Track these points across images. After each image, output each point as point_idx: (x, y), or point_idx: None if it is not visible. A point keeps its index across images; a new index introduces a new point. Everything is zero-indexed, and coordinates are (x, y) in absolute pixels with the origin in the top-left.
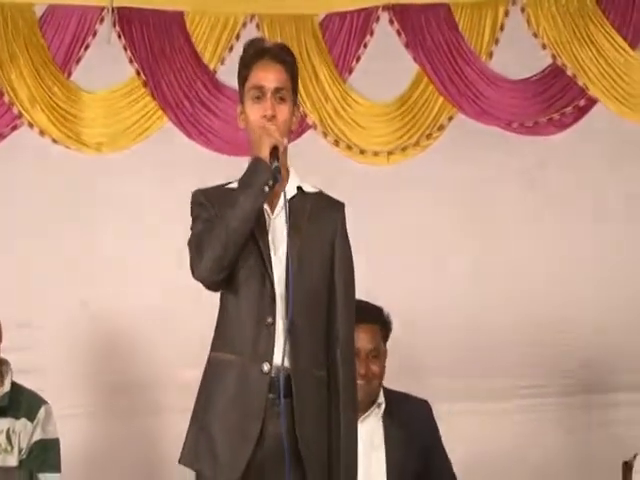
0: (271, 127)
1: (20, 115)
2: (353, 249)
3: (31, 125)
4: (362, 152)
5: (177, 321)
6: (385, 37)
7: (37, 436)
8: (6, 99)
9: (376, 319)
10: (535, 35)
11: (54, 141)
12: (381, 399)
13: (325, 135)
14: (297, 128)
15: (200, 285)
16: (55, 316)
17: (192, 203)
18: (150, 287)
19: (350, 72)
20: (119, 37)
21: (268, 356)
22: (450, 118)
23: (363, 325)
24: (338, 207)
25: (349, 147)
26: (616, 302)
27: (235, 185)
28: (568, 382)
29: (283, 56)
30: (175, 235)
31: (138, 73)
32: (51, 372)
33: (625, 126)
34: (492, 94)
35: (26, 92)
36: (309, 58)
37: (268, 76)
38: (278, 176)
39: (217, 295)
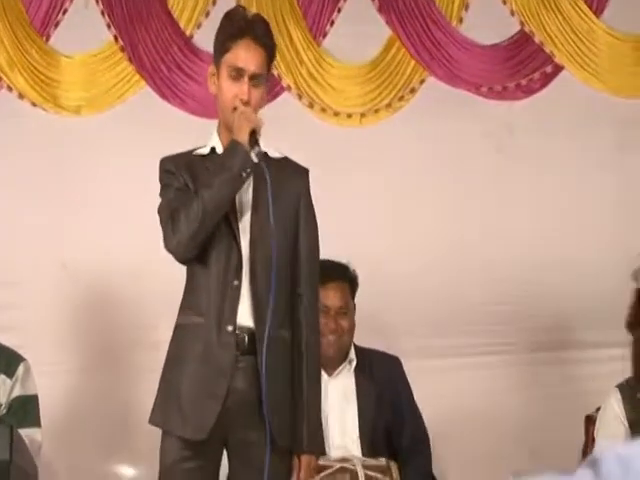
0: (248, 110)
1: None
2: (326, 210)
3: (10, 88)
4: (336, 114)
5: (157, 282)
6: (358, 2)
7: (16, 392)
8: None
9: (343, 276)
10: (504, 2)
11: (33, 104)
12: (352, 355)
13: (300, 97)
14: (272, 90)
15: None
16: (36, 276)
17: (161, 170)
18: (129, 249)
19: (324, 36)
20: (96, 2)
21: (233, 317)
22: (422, 81)
23: (331, 283)
24: (302, 173)
25: (323, 109)
26: (582, 262)
27: (204, 151)
28: (535, 339)
29: (266, 40)
30: (155, 197)
31: (116, 38)
32: (32, 330)
33: (589, 93)
34: (462, 58)
35: (5, 56)
36: (284, 22)
37: (249, 60)
38: (261, 161)
39: None
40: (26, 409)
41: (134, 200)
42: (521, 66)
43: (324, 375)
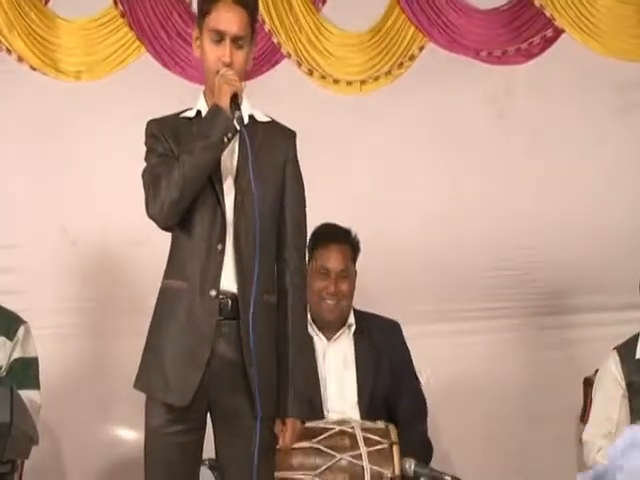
0: (229, 74)
1: None
2: (325, 176)
3: (9, 51)
4: (336, 81)
5: (156, 248)
6: None
7: (16, 354)
8: None
9: (345, 240)
10: None
11: (32, 68)
12: (351, 320)
13: (299, 65)
14: (271, 58)
15: None
16: (37, 241)
17: (146, 134)
18: (129, 215)
19: (324, 2)
20: None
21: (216, 281)
22: (421, 48)
23: (333, 245)
24: (289, 136)
25: (323, 77)
26: (578, 229)
27: (190, 114)
28: (533, 304)
29: (247, 1)
30: None
31: (115, 3)
32: (32, 294)
33: (590, 56)
34: (462, 23)
35: (3, 17)
36: None
37: (229, 21)
38: (241, 126)
39: None
40: (26, 371)
41: (133, 166)
42: (521, 30)
43: (323, 339)
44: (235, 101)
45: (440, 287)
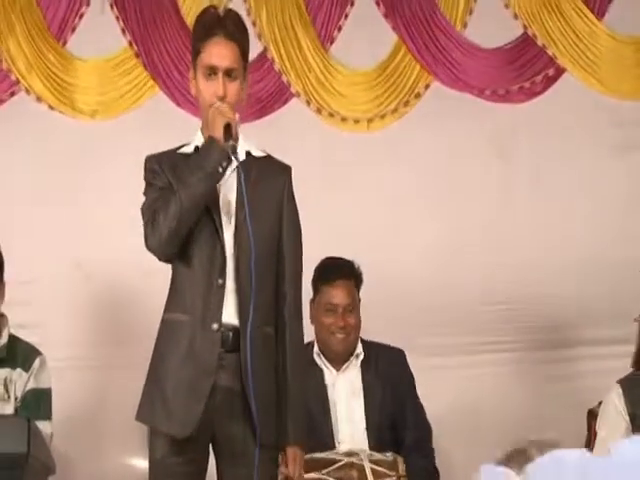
0: (222, 106)
1: (18, 82)
2: (332, 212)
3: (28, 91)
4: (343, 119)
5: (167, 281)
6: (365, 7)
7: (30, 385)
8: (4, 66)
9: (350, 273)
10: (507, 6)
11: (50, 107)
12: (359, 350)
13: (308, 103)
14: (281, 97)
15: None
16: (52, 275)
17: (145, 169)
18: (141, 249)
19: (332, 42)
20: (112, 8)
21: (218, 315)
22: (427, 86)
23: (338, 281)
24: (284, 170)
25: (331, 115)
26: (578, 263)
27: (188, 150)
28: (538, 337)
29: (236, 34)
30: None
31: (130, 43)
32: (47, 327)
33: (590, 95)
34: (466, 62)
35: (23, 59)
36: (293, 28)
37: (221, 55)
38: (235, 155)
39: None
40: (38, 402)
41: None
42: (524, 69)
43: (333, 371)
44: (229, 131)
45: (444, 321)
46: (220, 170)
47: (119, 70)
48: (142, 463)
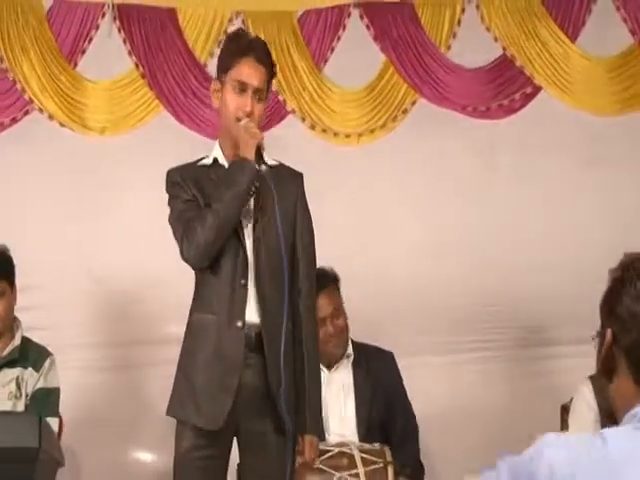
0: (251, 126)
1: (31, 101)
2: (323, 220)
3: (41, 110)
4: (335, 134)
5: (170, 287)
6: (356, 31)
7: (40, 384)
8: (19, 86)
9: (329, 281)
10: (488, 29)
11: (61, 125)
12: (350, 350)
13: (303, 120)
14: (278, 114)
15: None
16: (63, 281)
17: (168, 182)
18: (146, 258)
19: (325, 62)
20: (119, 31)
21: (242, 314)
22: (413, 103)
23: (320, 292)
24: (297, 177)
25: (324, 130)
26: (557, 267)
27: (207, 162)
28: (516, 337)
29: (267, 60)
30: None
31: (136, 65)
32: (58, 330)
33: (565, 111)
34: (450, 81)
35: (36, 80)
36: (288, 51)
37: (253, 75)
38: (268, 177)
39: None
40: (46, 400)
41: (151, 214)
42: (503, 87)
43: (325, 370)
44: (259, 152)
45: (429, 322)
46: (253, 189)
47: (126, 90)
48: (145, 456)
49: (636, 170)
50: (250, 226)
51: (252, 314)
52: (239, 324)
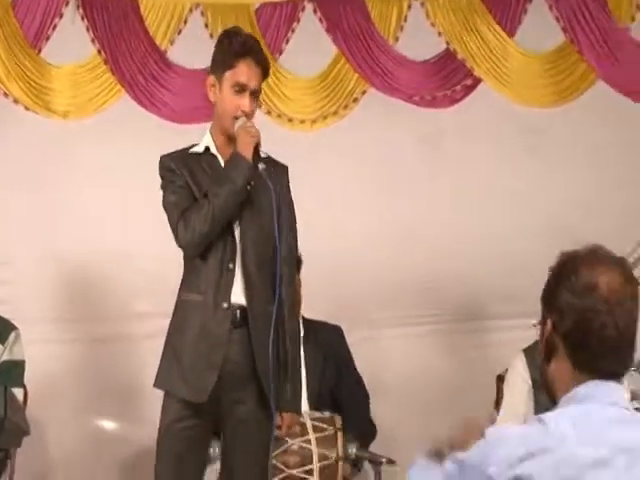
0: (249, 126)
1: None
2: None
3: (6, 95)
4: (290, 120)
5: (131, 264)
6: (309, 23)
7: (5, 357)
8: None
9: None
10: (432, 25)
11: (26, 108)
12: (300, 326)
13: (259, 106)
14: None
15: (149, 235)
16: (28, 256)
17: (161, 168)
18: (108, 234)
19: (281, 53)
20: (82, 19)
21: (228, 295)
22: (363, 92)
23: None
24: (283, 168)
25: (279, 116)
26: (492, 246)
27: (199, 149)
28: (456, 311)
29: (264, 62)
30: (130, 191)
31: (99, 51)
32: (23, 304)
33: (503, 102)
34: (398, 72)
35: (2, 66)
36: None
37: (252, 77)
38: (265, 176)
39: (164, 241)
40: (11, 372)
41: (112, 193)
42: (446, 79)
43: None
44: (257, 151)
45: (380, 298)
46: (249, 188)
47: (89, 75)
48: (110, 426)
49: (569, 157)
50: (241, 215)
51: (238, 297)
52: (225, 305)
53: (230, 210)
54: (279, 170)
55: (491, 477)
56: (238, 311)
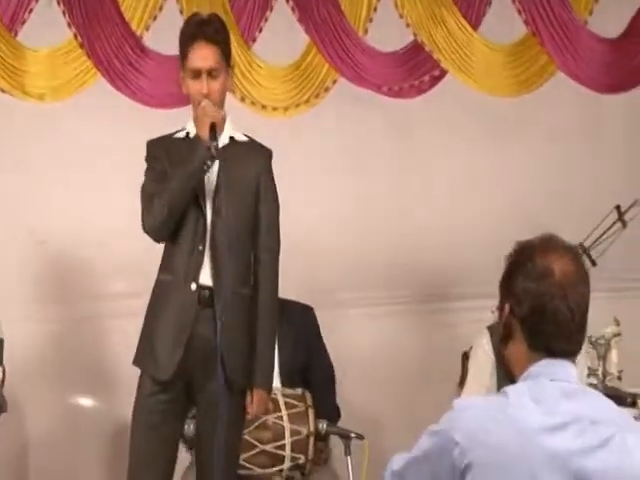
0: (207, 106)
1: None
2: None
3: None
4: (263, 107)
5: (109, 246)
6: (282, 12)
7: None
8: None
9: None
10: (401, 16)
11: (3, 91)
12: (277, 305)
13: (233, 93)
14: None
15: (124, 216)
16: (6, 242)
17: (147, 152)
18: (85, 217)
19: (254, 41)
20: (58, 4)
21: (196, 276)
22: (334, 81)
23: None
24: (264, 153)
25: (253, 103)
26: (458, 232)
27: (181, 135)
28: (424, 292)
29: (216, 37)
30: (105, 173)
31: (75, 36)
32: (1, 285)
33: (468, 92)
34: (367, 63)
35: None
36: None
37: (202, 59)
38: (216, 153)
39: (140, 223)
40: None
41: (89, 175)
42: (414, 70)
43: None
44: (213, 130)
45: (348, 278)
46: (205, 167)
47: (65, 59)
48: (87, 403)
49: (529, 143)
50: (212, 197)
51: (206, 277)
52: (193, 286)
53: (187, 192)
54: (256, 151)
55: (458, 442)
56: (207, 291)
